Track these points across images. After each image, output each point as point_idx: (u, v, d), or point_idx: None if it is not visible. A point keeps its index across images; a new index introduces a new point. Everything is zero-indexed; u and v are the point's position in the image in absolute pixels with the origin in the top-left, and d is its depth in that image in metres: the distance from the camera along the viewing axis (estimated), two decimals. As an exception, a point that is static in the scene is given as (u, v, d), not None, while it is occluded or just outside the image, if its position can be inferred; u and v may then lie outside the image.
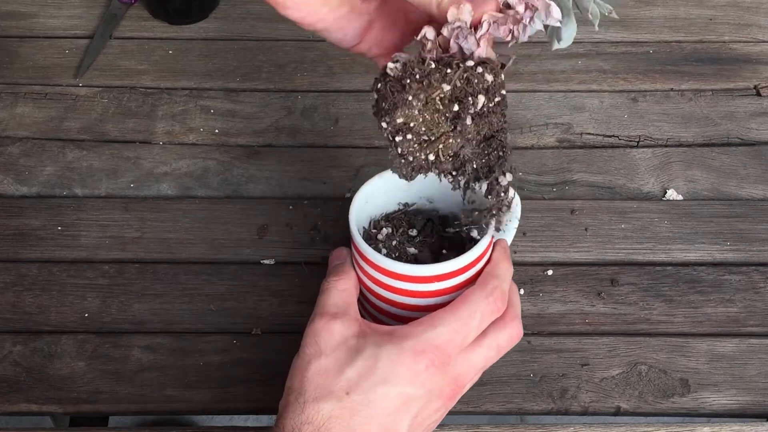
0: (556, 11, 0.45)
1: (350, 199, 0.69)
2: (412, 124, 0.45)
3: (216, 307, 0.63)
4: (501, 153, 0.47)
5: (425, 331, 0.48)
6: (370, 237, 0.56)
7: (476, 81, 0.45)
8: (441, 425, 0.56)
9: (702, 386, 0.59)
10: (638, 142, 0.74)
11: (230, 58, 0.81)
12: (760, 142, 0.75)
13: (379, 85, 0.46)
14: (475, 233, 0.52)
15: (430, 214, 0.58)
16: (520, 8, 0.45)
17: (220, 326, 0.62)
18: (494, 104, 0.46)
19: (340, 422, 0.46)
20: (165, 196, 0.70)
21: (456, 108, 0.45)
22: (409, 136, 0.45)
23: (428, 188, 0.56)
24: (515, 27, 0.45)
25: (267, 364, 0.60)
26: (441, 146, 0.46)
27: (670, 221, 0.68)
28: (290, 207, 0.69)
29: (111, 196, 0.70)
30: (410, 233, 0.56)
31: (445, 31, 0.45)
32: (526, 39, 0.46)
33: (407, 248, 0.55)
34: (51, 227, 0.67)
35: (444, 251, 0.56)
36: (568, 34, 0.47)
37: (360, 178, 0.71)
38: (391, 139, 0.46)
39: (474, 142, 0.46)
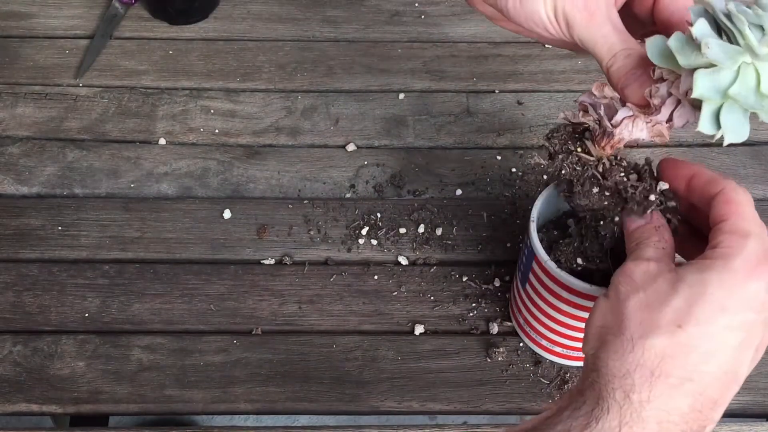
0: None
1: (350, 199, 0.69)
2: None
3: (216, 307, 0.63)
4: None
5: (744, 245, 0.41)
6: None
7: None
8: (440, 425, 0.56)
9: (702, 386, 0.59)
10: (638, 142, 0.74)
11: (230, 58, 0.80)
12: (760, 142, 0.74)
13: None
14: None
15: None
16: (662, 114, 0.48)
17: (220, 326, 0.62)
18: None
19: (676, 362, 0.39)
20: (165, 196, 0.70)
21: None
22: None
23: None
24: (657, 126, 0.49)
25: (267, 364, 0.60)
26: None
27: (670, 221, 0.68)
28: (290, 207, 0.69)
29: (111, 196, 0.70)
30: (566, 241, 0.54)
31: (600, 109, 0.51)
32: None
33: (574, 259, 0.53)
34: (51, 227, 0.67)
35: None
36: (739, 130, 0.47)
37: (360, 177, 0.71)
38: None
39: None
